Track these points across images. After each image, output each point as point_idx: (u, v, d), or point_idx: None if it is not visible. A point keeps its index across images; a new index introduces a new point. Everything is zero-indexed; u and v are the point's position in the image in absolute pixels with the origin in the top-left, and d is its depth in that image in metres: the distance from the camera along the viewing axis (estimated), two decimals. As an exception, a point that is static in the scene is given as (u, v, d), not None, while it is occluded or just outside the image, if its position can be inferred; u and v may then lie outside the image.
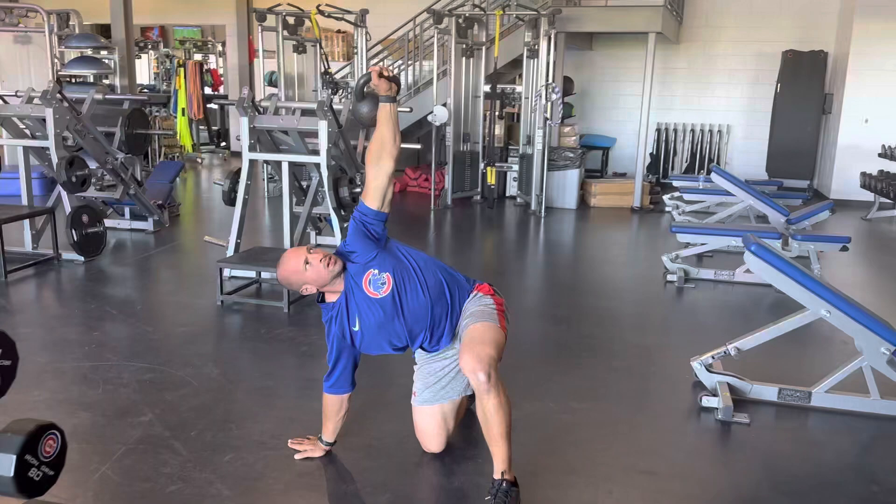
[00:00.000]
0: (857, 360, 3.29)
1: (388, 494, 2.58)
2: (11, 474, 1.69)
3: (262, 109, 5.14)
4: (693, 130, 11.00)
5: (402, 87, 10.54)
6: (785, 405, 3.38)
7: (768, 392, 3.40)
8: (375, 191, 2.59)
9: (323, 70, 8.57)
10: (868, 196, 8.83)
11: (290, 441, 2.86)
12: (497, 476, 2.44)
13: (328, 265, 2.53)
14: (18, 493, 1.73)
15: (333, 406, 2.76)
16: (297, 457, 2.78)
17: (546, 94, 7.86)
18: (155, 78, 15.42)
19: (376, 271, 2.56)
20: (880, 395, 3.29)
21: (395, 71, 10.76)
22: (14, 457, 1.69)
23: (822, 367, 3.58)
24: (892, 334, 3.20)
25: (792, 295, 3.33)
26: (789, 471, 2.89)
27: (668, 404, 3.44)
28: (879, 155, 8.90)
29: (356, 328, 2.60)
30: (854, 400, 3.34)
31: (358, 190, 5.25)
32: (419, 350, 2.79)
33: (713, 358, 3.47)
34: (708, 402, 3.30)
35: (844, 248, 5.53)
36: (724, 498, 2.67)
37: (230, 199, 5.38)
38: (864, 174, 8.76)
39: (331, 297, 2.63)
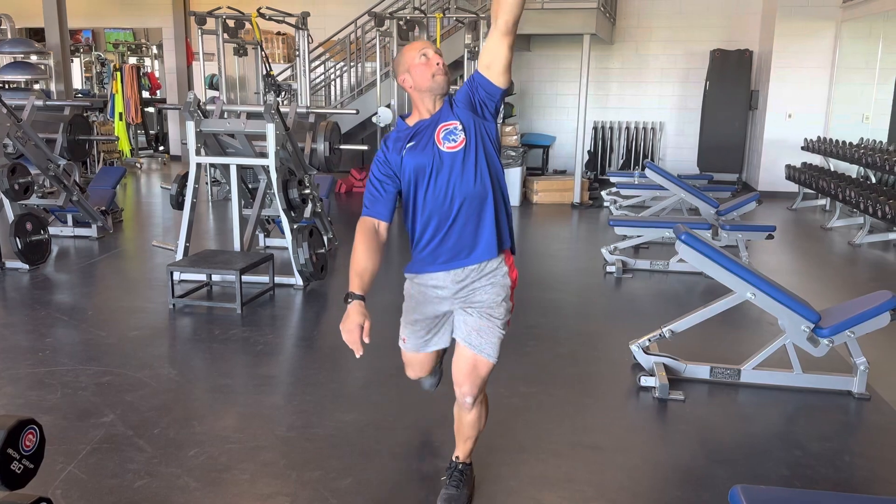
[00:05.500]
0: (781, 338, 3.56)
1: (350, 479, 2.71)
2: (-6, 467, 1.78)
3: (207, 113, 5.19)
4: (628, 128, 11.38)
5: (345, 89, 10.63)
6: (717, 382, 3.64)
7: (701, 371, 3.65)
8: (483, 56, 2.33)
9: (265, 73, 8.60)
10: (793, 187, 9.32)
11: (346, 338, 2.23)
12: (453, 458, 2.59)
13: (434, 74, 2.33)
14: (1, 486, 1.82)
15: (367, 229, 2.37)
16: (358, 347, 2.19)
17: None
18: (86, 82, 15.11)
19: (459, 125, 2.33)
20: (802, 369, 3.57)
21: (338, 73, 10.85)
22: (-4, 450, 1.78)
23: (750, 347, 3.85)
24: (812, 313, 3.48)
25: (719, 279, 3.58)
26: (721, 441, 3.14)
27: (609, 385, 3.66)
28: (802, 148, 9.42)
29: (404, 153, 2.38)
30: (779, 375, 3.62)
31: (307, 191, 5.36)
32: (410, 278, 2.56)
33: (650, 341, 3.71)
34: (646, 381, 3.54)
35: (770, 237, 5.88)
36: (663, 468, 2.89)
37: (178, 203, 5.41)
38: (788, 167, 9.24)
39: (412, 117, 2.44)
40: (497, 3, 2.21)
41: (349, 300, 2.24)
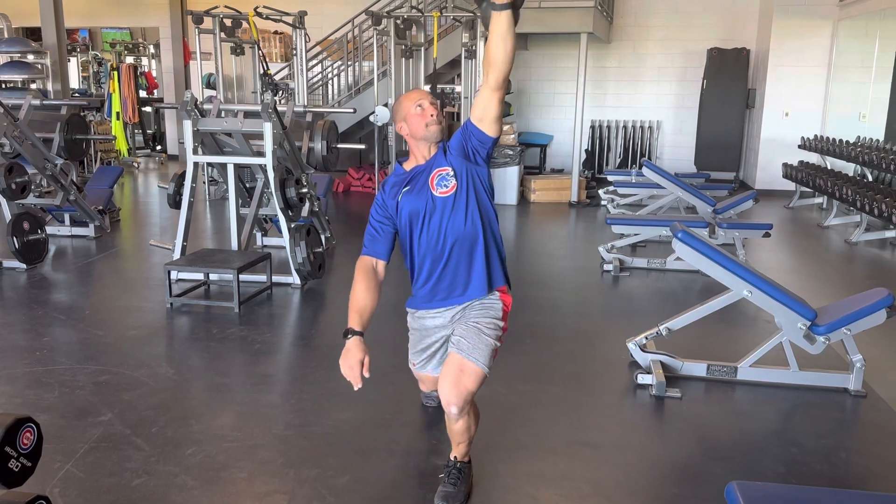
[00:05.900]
0: (778, 335, 3.57)
1: (347, 477, 2.72)
2: (-8, 466, 1.78)
3: (205, 112, 5.19)
4: (625, 127, 11.39)
5: (343, 88, 10.62)
6: (713, 380, 3.65)
7: (698, 368, 3.66)
8: (475, 109, 2.43)
9: (262, 72, 8.59)
10: (790, 185, 9.34)
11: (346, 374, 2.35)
12: (451, 457, 2.60)
13: (428, 124, 2.45)
14: (-1, 484, 1.82)
15: (366, 268, 2.52)
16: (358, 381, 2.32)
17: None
18: (83, 81, 15.09)
19: (451, 172, 2.46)
20: (798, 367, 3.58)
21: (335, 72, 10.84)
22: (-6, 449, 1.78)
23: (747, 345, 3.86)
24: (808, 311, 3.48)
25: (716, 277, 3.59)
26: (718, 439, 3.15)
27: (606, 383, 3.67)
28: (799, 146, 9.43)
29: (400, 198, 2.53)
30: (776, 372, 3.62)
31: (304, 190, 5.36)
32: (411, 312, 2.72)
33: (647, 338, 3.72)
34: (643, 379, 3.54)
35: (767, 235, 5.90)
36: (661, 465, 2.90)
37: (175, 203, 5.41)
38: (785, 165, 9.26)
39: (409, 162, 2.57)
40: (488, 61, 2.32)
41: (349, 336, 2.36)
